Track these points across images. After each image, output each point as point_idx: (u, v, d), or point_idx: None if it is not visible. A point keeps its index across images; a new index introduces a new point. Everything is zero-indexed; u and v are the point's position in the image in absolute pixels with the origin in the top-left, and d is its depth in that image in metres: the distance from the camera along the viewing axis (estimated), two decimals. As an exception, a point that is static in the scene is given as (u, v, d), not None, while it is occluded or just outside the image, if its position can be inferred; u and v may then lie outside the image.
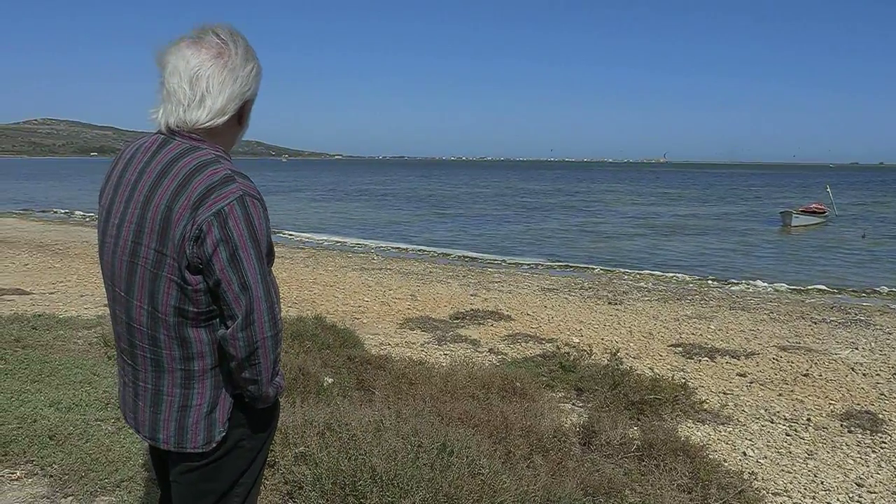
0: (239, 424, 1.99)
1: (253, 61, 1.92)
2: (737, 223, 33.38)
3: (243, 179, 1.82)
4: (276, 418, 2.15)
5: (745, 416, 5.84)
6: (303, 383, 4.78)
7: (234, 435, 1.98)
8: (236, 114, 1.92)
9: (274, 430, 2.17)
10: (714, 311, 11.19)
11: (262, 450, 2.11)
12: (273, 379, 1.95)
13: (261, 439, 2.07)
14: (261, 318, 1.83)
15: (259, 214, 1.81)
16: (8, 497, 3.68)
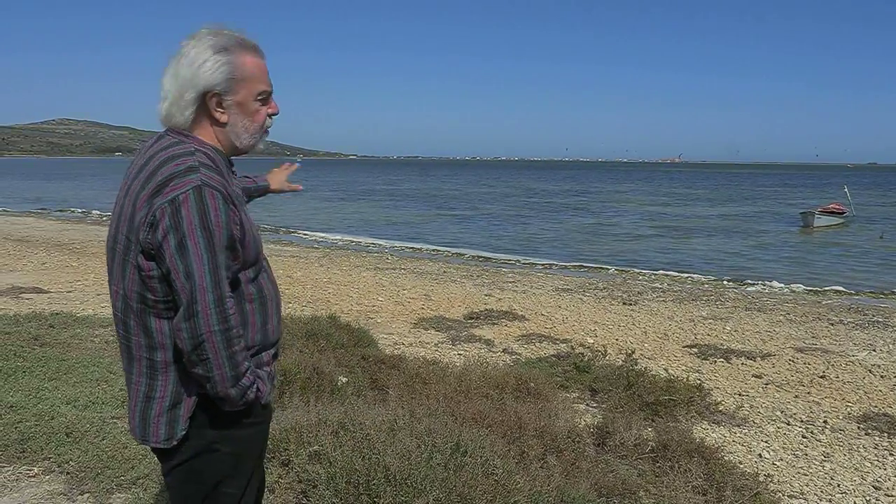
0: (209, 426, 1.95)
1: (217, 55, 1.91)
2: (753, 223, 33.15)
3: (208, 171, 1.84)
4: (258, 425, 2.07)
5: (760, 418, 5.80)
6: (317, 382, 4.79)
7: (204, 436, 1.96)
8: (200, 107, 1.93)
9: (259, 437, 2.11)
10: (730, 311, 11.12)
11: (246, 457, 2.06)
12: (238, 381, 1.87)
13: (240, 445, 2.02)
14: (206, 310, 1.79)
15: (216, 206, 1.80)
16: (25, 493, 3.72)
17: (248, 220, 1.96)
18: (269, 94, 2.03)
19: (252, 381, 1.91)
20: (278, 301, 2.13)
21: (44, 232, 21.27)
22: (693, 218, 36.46)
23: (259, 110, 2.00)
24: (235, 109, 1.96)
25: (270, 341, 2.07)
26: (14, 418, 4.47)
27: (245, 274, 1.96)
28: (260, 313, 2.01)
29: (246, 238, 1.92)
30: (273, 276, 2.14)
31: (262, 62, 2.01)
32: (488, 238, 26.13)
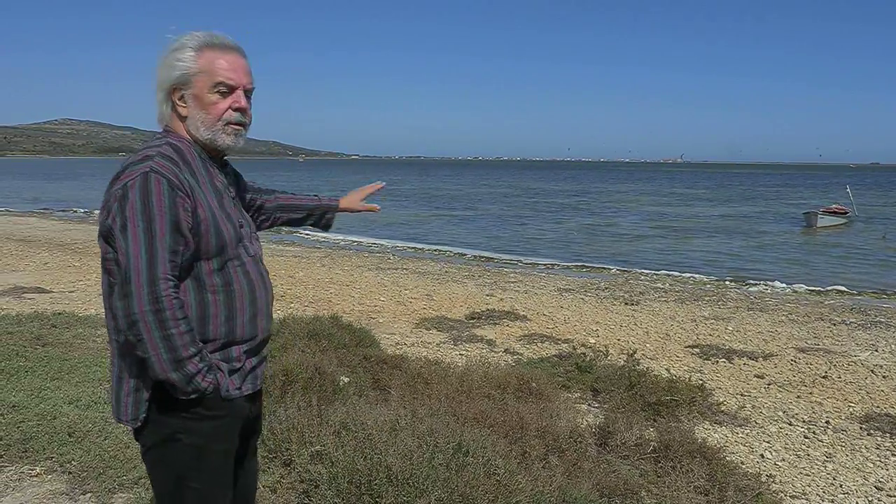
0: (170, 413, 2.00)
1: (175, 52, 2.05)
2: (755, 224, 33.13)
3: (161, 160, 1.95)
4: (220, 419, 2.07)
5: (762, 418, 5.79)
6: (319, 382, 4.79)
7: (167, 424, 2.02)
8: (171, 104, 2.09)
9: (224, 433, 2.10)
10: (732, 312, 11.11)
11: (209, 452, 2.07)
12: (179, 366, 1.91)
13: (201, 437, 2.04)
14: (139, 291, 1.86)
15: (160, 191, 1.90)
16: (28, 493, 3.73)
17: (214, 211, 2.02)
18: (232, 89, 2.07)
19: (199, 370, 1.94)
20: (257, 298, 2.13)
21: (46, 232, 21.30)
22: (695, 218, 36.45)
23: (216, 103, 2.06)
24: (192, 102, 2.06)
25: (240, 337, 2.08)
26: (16, 418, 4.48)
27: (208, 264, 2.02)
28: (225, 306, 2.04)
29: (202, 227, 1.98)
30: (257, 274, 2.15)
31: (225, 57, 2.07)
32: (490, 238, 26.13)
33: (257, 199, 2.54)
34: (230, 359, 2.07)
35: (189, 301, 2.00)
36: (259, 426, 2.39)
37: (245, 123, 2.13)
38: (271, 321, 2.25)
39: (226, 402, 2.05)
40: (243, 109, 2.10)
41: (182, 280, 1.99)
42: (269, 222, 2.62)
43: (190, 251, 1.97)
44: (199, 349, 1.95)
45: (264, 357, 2.23)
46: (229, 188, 2.18)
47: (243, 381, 2.11)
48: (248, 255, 2.13)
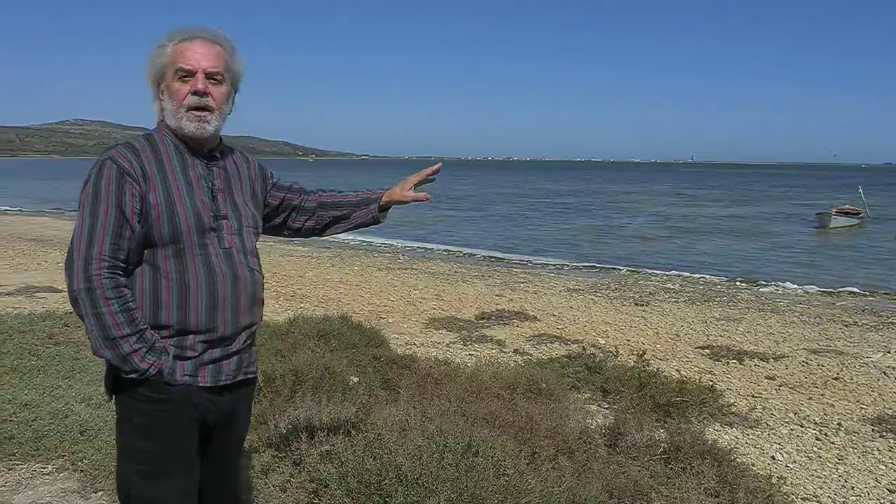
0: (121, 391, 2.09)
1: (159, 48, 2.14)
2: (767, 224, 32.98)
3: (122, 150, 2.07)
4: (163, 403, 2.06)
5: (773, 420, 5.77)
6: (329, 382, 4.80)
7: (123, 402, 2.10)
8: (155, 98, 2.18)
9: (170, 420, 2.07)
10: (742, 313, 11.06)
11: (155, 435, 2.06)
12: (112, 344, 1.97)
13: (146, 418, 2.06)
14: (77, 269, 1.97)
15: (110, 177, 2.01)
16: (40, 491, 3.75)
17: (173, 199, 2.06)
18: (191, 73, 2.09)
19: (134, 350, 1.99)
20: (217, 290, 2.09)
21: (58, 232, 21.42)
22: (706, 219, 36.30)
23: (179, 89, 2.10)
24: (166, 94, 2.15)
25: (194, 326, 2.07)
26: (29, 416, 4.51)
27: (163, 250, 2.06)
28: (177, 294, 2.06)
29: (152, 213, 2.03)
30: (227, 267, 2.12)
31: (189, 44, 2.11)
32: (500, 238, 26.11)
33: (293, 198, 2.51)
34: (184, 346, 2.08)
35: (144, 286, 2.06)
36: (236, 424, 2.30)
37: (208, 107, 2.11)
38: (250, 317, 2.21)
39: (170, 386, 2.06)
40: (200, 92, 2.09)
41: (139, 265, 2.06)
42: (314, 221, 2.55)
43: (139, 235, 2.03)
44: (137, 330, 1.99)
45: (236, 352, 2.18)
46: (212, 180, 2.17)
47: (196, 370, 2.10)
48: (218, 247, 2.12)
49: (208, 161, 2.19)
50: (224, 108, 2.17)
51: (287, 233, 2.56)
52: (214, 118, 2.13)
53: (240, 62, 2.24)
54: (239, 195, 2.25)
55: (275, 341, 6.00)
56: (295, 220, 2.53)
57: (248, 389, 2.35)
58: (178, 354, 2.07)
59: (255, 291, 2.21)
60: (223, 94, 2.15)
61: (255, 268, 2.23)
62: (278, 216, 2.51)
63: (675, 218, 36.56)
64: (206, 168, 2.18)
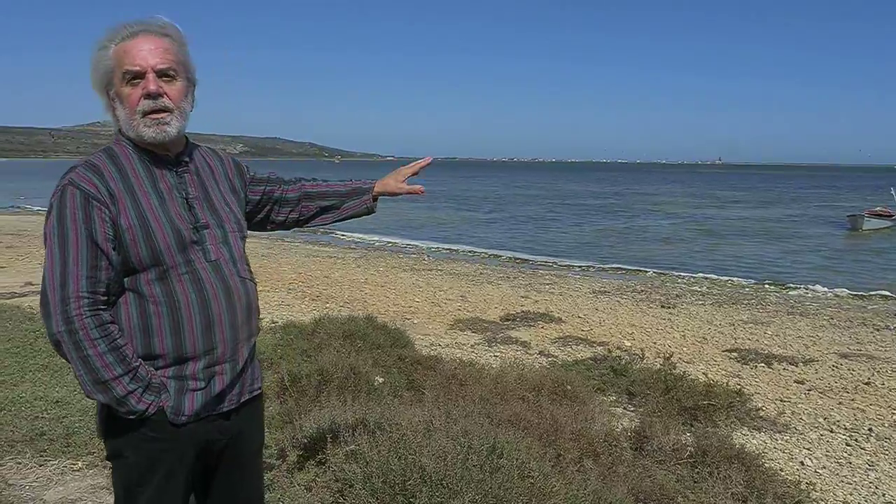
0: (118, 429, 1.92)
1: (100, 50, 1.91)
2: (796, 226, 32.56)
3: (83, 171, 1.86)
4: (164, 441, 1.92)
5: (802, 425, 5.69)
6: (354, 382, 4.82)
7: (116, 439, 1.94)
8: (107, 108, 1.96)
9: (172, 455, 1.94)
10: (771, 316, 10.92)
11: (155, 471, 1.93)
12: (103, 387, 1.82)
13: (146, 456, 1.92)
14: (54, 310, 1.79)
15: (74, 205, 1.81)
16: (70, 487, 3.81)
17: (146, 217, 1.87)
18: (139, 74, 1.88)
19: (129, 391, 1.83)
20: (210, 307, 1.94)
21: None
22: (734, 220, 35.93)
23: (130, 94, 1.89)
24: (118, 102, 1.92)
25: (191, 352, 1.92)
26: (60, 413, 4.59)
27: (145, 274, 1.88)
28: (169, 319, 1.89)
29: (126, 237, 1.84)
30: (216, 280, 1.96)
31: (130, 43, 1.89)
32: (525, 240, 26.06)
33: (275, 190, 2.33)
34: (184, 376, 1.93)
35: (131, 315, 1.89)
36: (244, 444, 2.14)
37: (165, 108, 1.90)
38: (248, 330, 2.05)
39: (175, 427, 1.92)
40: (154, 94, 1.87)
41: (122, 293, 1.89)
42: (297, 213, 2.38)
43: (117, 263, 1.85)
44: (130, 369, 1.83)
45: (242, 369, 2.04)
46: (185, 189, 1.99)
47: (206, 402, 1.96)
48: (204, 261, 1.94)
49: (177, 168, 1.99)
50: (183, 105, 1.95)
51: (270, 227, 2.38)
52: (174, 118, 1.92)
53: (188, 51, 2.00)
54: (218, 198, 2.07)
55: (301, 341, 6.04)
56: (278, 213, 2.35)
57: (255, 406, 2.18)
58: (180, 387, 1.92)
59: (249, 302, 2.04)
60: (180, 91, 1.93)
61: (246, 276, 2.06)
62: (261, 211, 2.32)
63: (702, 220, 36.23)
64: (176, 177, 1.98)
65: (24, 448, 4.14)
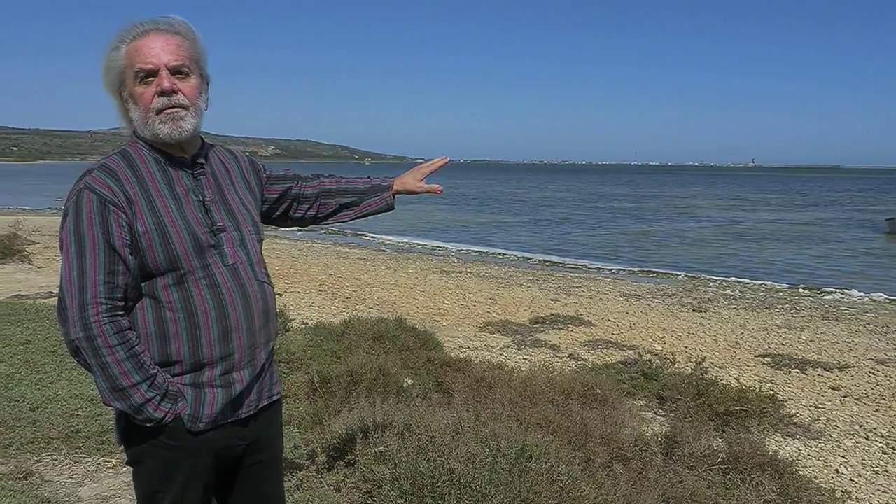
0: (137, 436, 1.90)
1: (112, 51, 1.89)
2: (831, 229, 32.00)
3: (99, 174, 1.83)
4: (182, 449, 1.91)
5: (838, 432, 5.59)
6: (383, 384, 4.84)
7: (135, 446, 1.93)
8: (120, 108, 1.94)
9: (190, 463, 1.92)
10: (805, 321, 10.75)
11: (175, 481, 1.92)
12: (121, 394, 1.80)
13: (165, 464, 1.91)
14: (72, 317, 1.77)
15: (90, 209, 1.78)
16: (104, 484, 3.86)
17: (163, 221, 1.85)
18: (152, 72, 1.85)
19: (147, 399, 1.81)
20: (228, 313, 1.91)
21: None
22: (766, 224, 35.42)
23: (143, 93, 1.86)
24: (131, 102, 1.90)
25: (208, 357, 1.90)
26: (94, 411, 4.66)
27: (162, 280, 1.86)
28: (186, 324, 1.87)
29: (143, 242, 1.82)
30: (234, 285, 1.94)
31: (141, 41, 1.86)
32: (555, 242, 25.96)
33: (292, 187, 2.30)
34: (201, 383, 1.90)
35: (147, 320, 1.86)
36: (263, 451, 2.11)
37: (181, 105, 1.87)
38: (266, 335, 2.02)
39: (193, 434, 1.90)
40: (168, 91, 1.84)
41: (139, 299, 1.86)
42: (315, 209, 2.35)
43: (134, 268, 1.83)
44: (148, 376, 1.81)
45: (260, 374, 2.02)
46: (201, 191, 1.95)
47: (224, 408, 1.94)
48: (222, 265, 1.91)
49: (193, 170, 1.96)
50: (198, 102, 1.92)
51: (288, 223, 2.36)
52: (190, 115, 1.88)
53: (202, 48, 1.96)
54: (235, 200, 2.04)
55: (331, 342, 6.08)
56: (296, 210, 2.32)
57: (274, 411, 2.15)
58: (197, 394, 1.89)
59: (266, 306, 2.01)
60: (194, 88, 1.90)
61: (264, 280, 2.02)
62: (278, 209, 2.30)
63: (734, 223, 35.78)
64: (192, 179, 1.95)
65: (60, 445, 4.22)
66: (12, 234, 14.65)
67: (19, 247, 14.48)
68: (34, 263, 13.54)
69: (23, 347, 6.16)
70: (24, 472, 3.83)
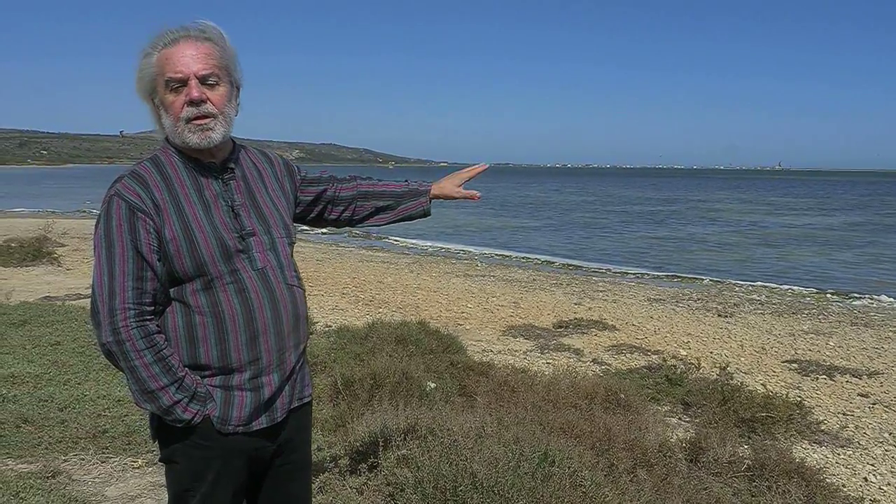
0: (169, 436, 1.96)
1: (144, 58, 1.92)
2: (860, 234, 31.54)
3: (129, 181, 1.87)
4: (211, 449, 1.94)
5: (866, 440, 5.51)
6: (406, 387, 4.85)
7: (167, 446, 1.98)
8: (152, 114, 1.97)
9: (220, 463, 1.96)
10: (833, 326, 10.61)
11: (204, 480, 1.95)
12: (150, 397, 1.85)
13: (196, 463, 1.95)
14: (104, 320, 1.81)
15: (120, 216, 1.83)
16: (130, 484, 3.91)
17: (191, 227, 1.87)
18: (182, 81, 1.87)
19: (176, 401, 1.86)
20: (256, 318, 1.93)
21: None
22: (793, 227, 34.98)
23: (173, 102, 1.89)
24: (163, 109, 1.93)
25: (236, 362, 1.92)
26: (121, 412, 4.72)
27: (190, 285, 1.89)
28: (214, 329, 1.90)
29: (170, 248, 1.85)
30: (263, 289, 1.95)
31: (172, 49, 1.88)
32: (578, 246, 25.84)
33: (328, 188, 2.31)
34: (231, 386, 1.93)
35: (177, 324, 1.90)
36: (293, 452, 2.14)
37: (210, 114, 1.89)
38: (295, 338, 2.03)
39: (222, 435, 1.93)
40: (196, 100, 1.87)
41: (168, 303, 1.91)
42: (351, 211, 2.35)
43: (162, 274, 1.87)
44: (176, 379, 1.85)
45: (288, 379, 2.03)
46: (230, 196, 1.97)
47: (253, 411, 1.96)
48: (250, 269, 1.93)
49: (223, 175, 1.98)
50: (227, 110, 1.93)
51: (323, 224, 2.39)
52: (219, 124, 1.90)
53: (233, 54, 1.97)
54: (267, 203, 2.05)
55: (354, 345, 6.10)
56: (331, 212, 2.33)
57: (304, 413, 2.17)
58: (227, 397, 1.93)
59: (296, 310, 2.02)
60: (223, 96, 1.92)
61: (293, 283, 2.03)
62: (313, 211, 2.31)
63: (760, 227, 35.38)
64: (222, 185, 1.97)
65: (88, 445, 4.27)
66: (42, 237, 14.88)
67: (49, 249, 14.70)
68: (63, 265, 13.73)
69: (52, 348, 6.25)
70: (52, 471, 3.89)
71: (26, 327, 7.04)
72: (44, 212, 32.98)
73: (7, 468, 3.92)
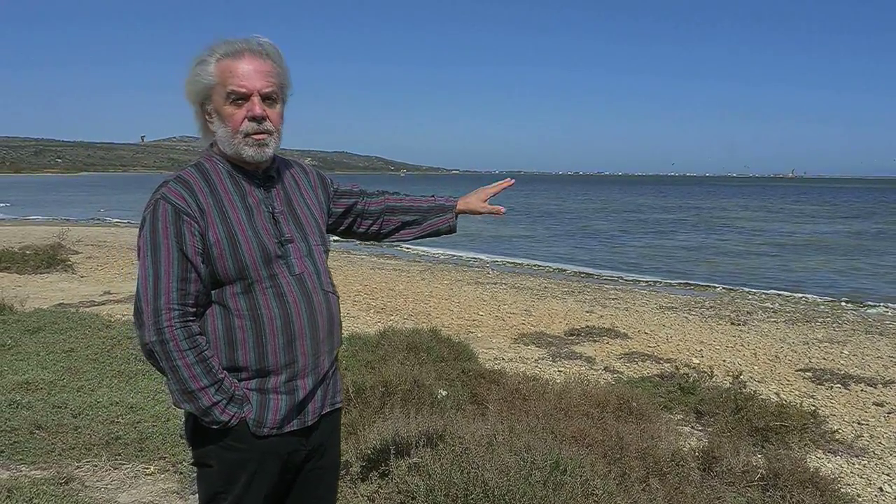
0: (203, 438, 1.98)
1: (195, 68, 1.97)
2: (875, 242, 31.31)
3: (175, 185, 1.92)
4: (245, 451, 1.97)
5: (882, 449, 5.45)
6: (417, 395, 4.84)
7: (201, 448, 2.00)
8: (199, 118, 2.02)
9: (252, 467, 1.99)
10: (848, 334, 10.52)
11: (238, 482, 1.98)
12: (190, 397, 1.88)
13: (229, 466, 1.98)
14: (147, 321, 1.85)
15: (166, 219, 1.87)
16: (142, 490, 3.92)
17: (234, 232, 1.92)
18: (245, 96, 1.92)
19: (214, 402, 1.89)
20: (293, 322, 1.98)
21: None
22: (806, 235, 34.76)
23: (233, 114, 1.93)
24: (215, 117, 1.98)
25: (273, 365, 1.96)
26: (134, 418, 4.74)
27: (231, 288, 1.93)
28: (252, 332, 1.94)
29: (214, 251, 1.90)
30: (300, 294, 2.00)
31: (237, 62, 1.93)
32: (590, 254, 25.78)
33: (358, 202, 2.35)
34: (266, 389, 1.97)
35: (216, 327, 1.94)
36: (324, 457, 2.18)
37: (268, 131, 1.96)
38: (330, 343, 2.08)
39: (256, 438, 1.97)
40: (259, 118, 1.93)
41: (209, 305, 1.95)
42: (378, 225, 2.40)
43: (206, 276, 1.91)
44: (216, 380, 1.89)
45: (321, 382, 2.08)
46: (271, 203, 2.03)
47: (287, 414, 2.00)
48: (288, 275, 1.98)
49: (265, 183, 2.04)
50: (281, 128, 2.01)
51: (350, 237, 2.44)
52: (273, 140, 1.98)
53: (288, 72, 2.04)
54: (304, 211, 2.11)
55: (365, 353, 6.10)
56: (360, 225, 2.38)
57: (335, 418, 2.23)
58: (262, 400, 1.97)
59: (331, 315, 2.08)
60: (279, 115, 2.00)
61: (329, 289, 2.09)
62: (343, 223, 2.36)
63: (773, 234, 35.19)
64: (264, 192, 2.03)
65: (100, 451, 4.29)
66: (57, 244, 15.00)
67: (63, 256, 14.82)
68: (77, 273, 13.83)
69: (65, 355, 6.29)
70: (65, 477, 3.91)
71: (40, 334, 7.10)
72: (58, 219, 33.25)
73: (21, 474, 3.95)
